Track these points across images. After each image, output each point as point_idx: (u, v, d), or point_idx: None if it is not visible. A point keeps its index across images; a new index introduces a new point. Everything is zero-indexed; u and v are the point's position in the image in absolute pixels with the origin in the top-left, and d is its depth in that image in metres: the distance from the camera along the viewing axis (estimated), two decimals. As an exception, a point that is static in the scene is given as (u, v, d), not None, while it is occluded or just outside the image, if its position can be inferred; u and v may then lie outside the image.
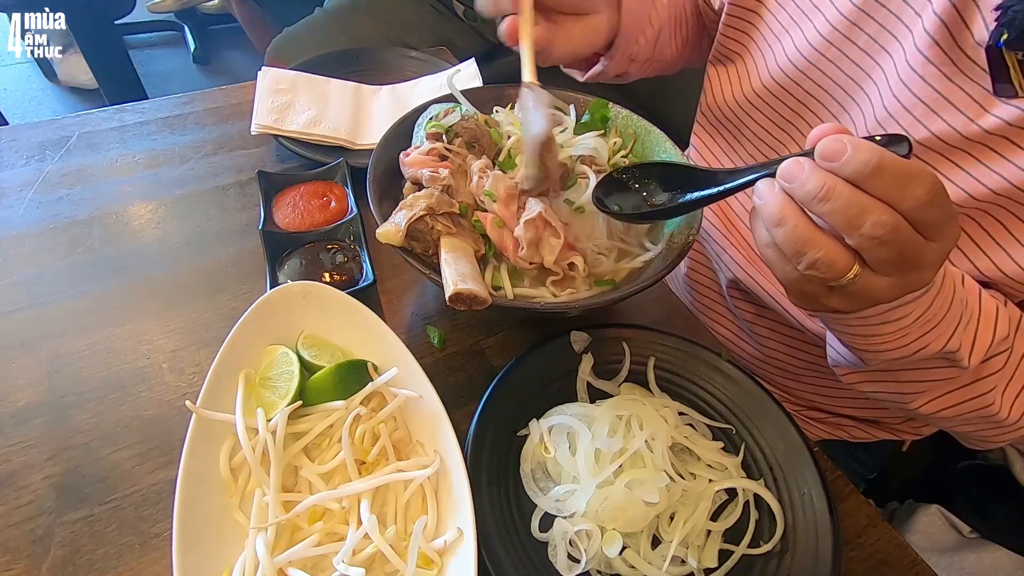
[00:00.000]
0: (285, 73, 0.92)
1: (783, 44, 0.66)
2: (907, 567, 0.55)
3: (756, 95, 0.70)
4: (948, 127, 0.52)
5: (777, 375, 0.83)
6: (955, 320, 0.48)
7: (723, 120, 0.77)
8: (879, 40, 0.58)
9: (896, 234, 0.34)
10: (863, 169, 0.33)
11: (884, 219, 0.34)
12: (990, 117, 0.50)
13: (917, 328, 0.47)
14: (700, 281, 0.89)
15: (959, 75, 0.51)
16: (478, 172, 0.60)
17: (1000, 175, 0.50)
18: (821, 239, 0.36)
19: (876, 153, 0.33)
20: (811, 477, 0.54)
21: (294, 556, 0.45)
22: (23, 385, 0.59)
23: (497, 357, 0.66)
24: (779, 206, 0.37)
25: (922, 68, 0.53)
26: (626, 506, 0.50)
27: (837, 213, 0.34)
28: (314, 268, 0.65)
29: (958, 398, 0.54)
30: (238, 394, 0.51)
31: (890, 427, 0.83)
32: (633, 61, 0.75)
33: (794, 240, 0.37)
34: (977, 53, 0.50)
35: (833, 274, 0.37)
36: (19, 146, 0.84)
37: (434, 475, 0.49)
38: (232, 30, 2.78)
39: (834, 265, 0.36)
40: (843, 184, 0.34)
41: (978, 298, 0.51)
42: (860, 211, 0.34)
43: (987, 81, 0.50)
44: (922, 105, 0.53)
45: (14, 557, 0.49)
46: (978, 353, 0.50)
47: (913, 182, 0.33)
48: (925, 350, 0.49)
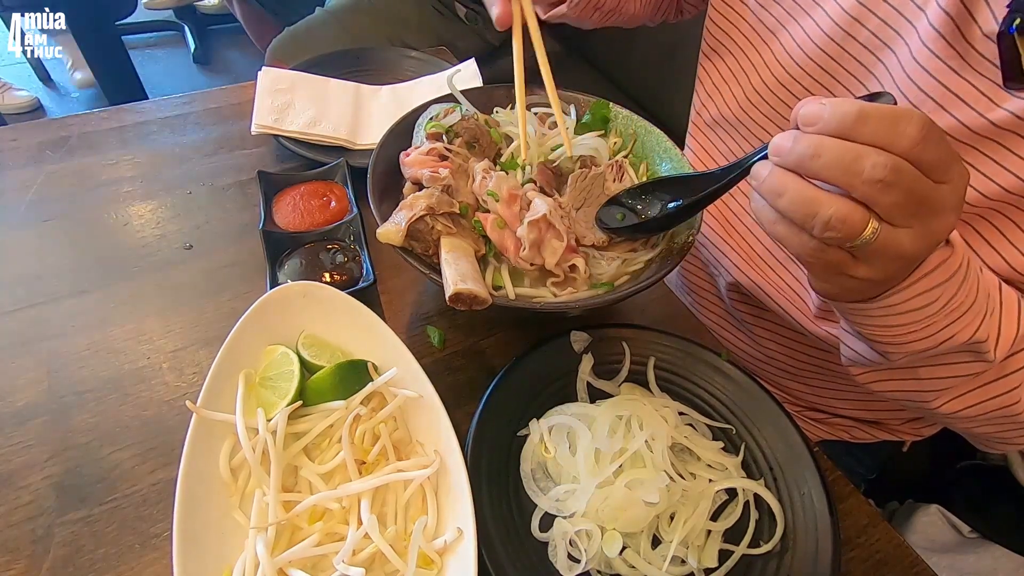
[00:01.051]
0: (285, 73, 0.92)
1: (780, 40, 0.66)
2: (907, 567, 0.54)
3: (756, 92, 0.70)
4: (957, 122, 0.51)
5: (777, 376, 0.83)
6: (982, 309, 0.46)
7: (720, 120, 0.77)
8: (881, 36, 0.57)
9: (899, 174, 0.33)
10: (845, 120, 0.33)
11: (882, 160, 0.33)
12: (1000, 111, 0.49)
13: (945, 316, 0.45)
14: (698, 284, 0.89)
15: (967, 69, 0.50)
16: (481, 173, 0.60)
17: (1011, 172, 0.50)
18: (827, 197, 0.35)
19: (855, 104, 0.33)
20: (811, 477, 0.54)
21: (294, 556, 0.45)
22: (23, 385, 0.59)
23: (497, 357, 0.66)
24: (777, 177, 0.37)
25: (928, 63, 0.52)
26: (626, 506, 0.50)
27: (832, 165, 0.34)
28: (314, 268, 0.65)
29: (981, 396, 0.52)
30: (238, 394, 0.51)
31: (890, 428, 0.83)
32: (597, 9, 0.75)
33: (800, 202, 0.36)
34: (985, 46, 0.49)
35: (850, 231, 0.35)
36: (19, 146, 0.84)
37: (434, 475, 0.49)
38: (232, 30, 2.78)
39: (849, 219, 0.35)
40: (830, 139, 0.34)
41: (999, 290, 0.49)
42: (855, 157, 0.33)
43: (996, 75, 0.49)
44: (930, 101, 0.53)
45: (14, 557, 0.49)
46: (1003, 346, 0.48)
47: (901, 121, 0.33)
48: (952, 340, 0.46)
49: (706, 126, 0.80)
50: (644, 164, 0.71)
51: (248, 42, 2.37)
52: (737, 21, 0.71)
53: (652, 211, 0.57)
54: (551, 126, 0.72)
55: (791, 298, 0.70)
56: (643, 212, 0.58)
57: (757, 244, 0.75)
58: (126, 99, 0.97)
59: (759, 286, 0.74)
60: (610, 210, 0.61)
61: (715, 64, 0.75)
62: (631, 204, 0.60)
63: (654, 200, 0.57)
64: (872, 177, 0.33)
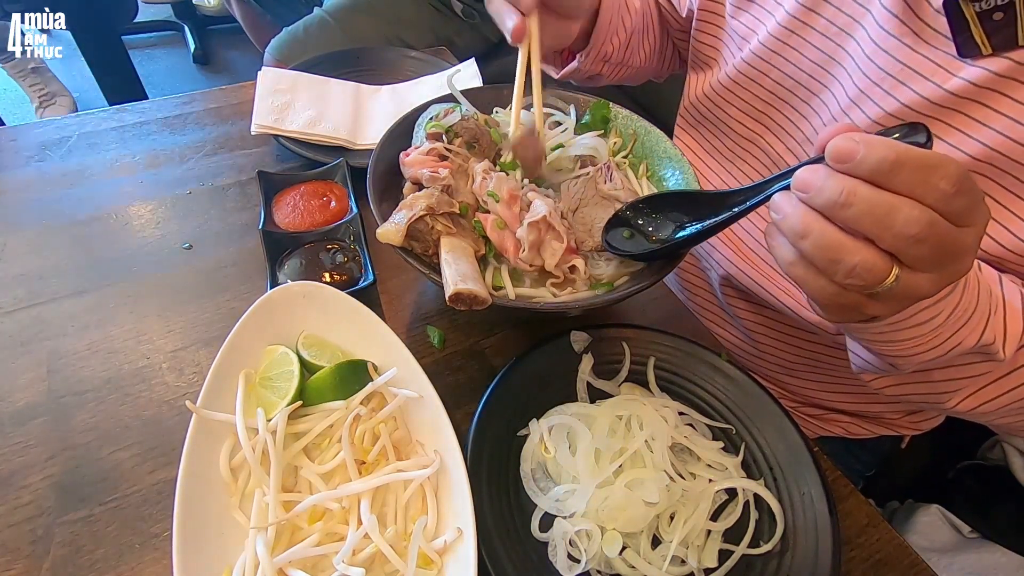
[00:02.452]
0: (285, 73, 0.92)
1: (749, 42, 0.69)
2: (907, 567, 0.54)
3: (726, 88, 0.73)
4: (917, 96, 0.52)
5: (773, 371, 0.83)
6: (986, 312, 0.46)
7: (702, 116, 0.80)
8: (837, 23, 0.59)
9: (932, 229, 0.32)
10: (880, 166, 0.32)
11: (915, 215, 0.32)
12: (956, 80, 0.50)
13: (950, 326, 0.45)
14: (691, 280, 0.90)
15: (921, 44, 0.52)
16: (481, 173, 0.60)
17: (977, 140, 0.50)
18: (854, 244, 0.34)
19: (892, 148, 0.32)
20: (811, 477, 0.54)
21: (294, 556, 0.45)
22: (23, 385, 0.59)
23: (497, 357, 0.66)
24: (801, 217, 0.35)
25: (884, 42, 0.54)
26: (626, 506, 0.50)
27: (863, 216, 0.32)
28: (314, 268, 0.65)
29: (996, 391, 0.52)
30: (238, 394, 0.51)
31: (888, 423, 0.84)
32: (606, 63, 0.79)
33: (825, 248, 0.34)
34: (937, 20, 0.50)
35: (874, 279, 0.34)
36: (19, 146, 0.84)
37: (434, 475, 0.49)
38: (232, 30, 2.78)
39: (874, 269, 0.34)
40: (863, 185, 0.32)
41: (1000, 285, 0.49)
42: (887, 210, 0.32)
43: (950, 47, 0.49)
44: (889, 78, 0.54)
45: (14, 557, 0.49)
46: (1012, 343, 0.48)
47: (936, 173, 0.31)
48: (960, 347, 0.46)
49: (689, 122, 0.83)
50: (644, 164, 0.71)
51: (248, 42, 2.37)
52: (719, 33, 0.74)
53: (662, 232, 0.56)
54: (551, 126, 0.72)
55: (784, 287, 0.71)
56: (652, 233, 0.57)
57: (747, 236, 0.77)
58: (126, 99, 0.97)
59: (751, 277, 0.74)
60: (617, 230, 0.59)
61: (703, 71, 0.79)
62: (637, 223, 0.58)
63: (664, 220, 0.56)
64: (904, 233, 0.32)
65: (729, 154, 0.77)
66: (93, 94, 2.53)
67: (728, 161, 0.78)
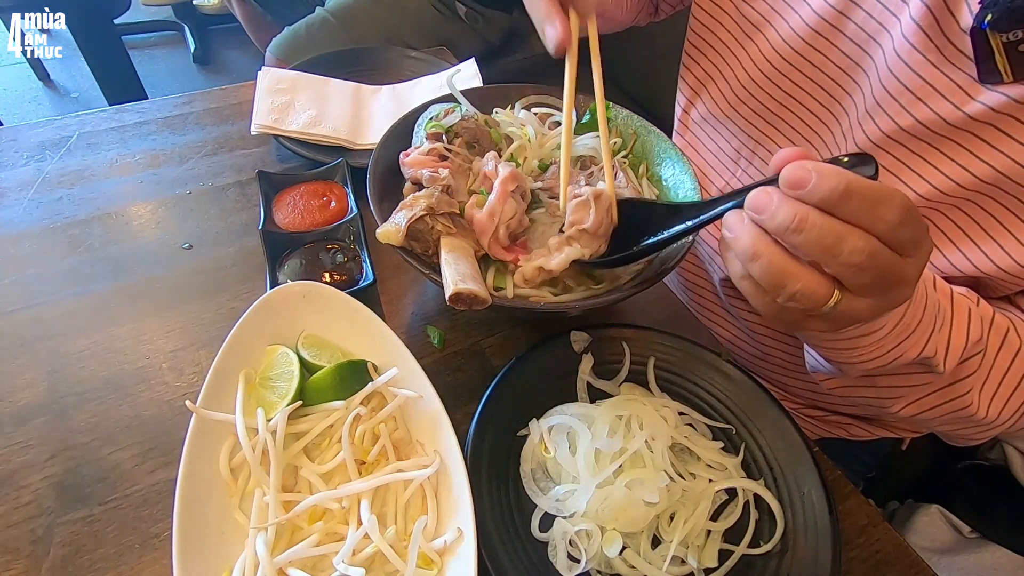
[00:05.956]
0: (285, 73, 0.92)
1: (765, 35, 0.66)
2: (907, 567, 0.54)
3: (743, 88, 0.70)
4: (933, 114, 0.52)
5: (775, 373, 0.83)
6: (929, 326, 0.48)
7: (708, 118, 0.78)
8: (867, 29, 0.57)
9: (874, 259, 0.34)
10: (831, 196, 0.33)
11: (860, 245, 0.33)
12: (975, 104, 0.50)
13: (893, 338, 0.47)
14: (694, 281, 0.90)
15: (944, 63, 0.51)
16: (492, 161, 0.60)
17: (987, 163, 0.50)
18: (799, 270, 0.36)
19: (843, 178, 0.33)
20: (811, 477, 0.54)
21: (294, 556, 0.45)
22: (23, 385, 0.59)
23: (497, 357, 0.66)
24: (752, 239, 0.37)
25: (908, 55, 0.53)
26: (626, 506, 0.50)
27: (812, 243, 0.34)
28: (314, 268, 0.65)
29: (936, 400, 0.55)
30: (238, 394, 0.51)
31: (889, 425, 0.84)
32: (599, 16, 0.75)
33: (771, 274, 0.36)
34: (963, 40, 0.50)
35: (814, 304, 0.36)
36: (19, 146, 0.84)
37: (434, 475, 0.49)
38: (232, 30, 2.78)
39: (814, 295, 0.36)
40: (815, 213, 0.34)
41: (950, 300, 0.51)
42: (835, 240, 0.33)
43: (973, 69, 0.49)
44: (908, 92, 0.53)
45: (14, 557, 0.49)
46: (953, 357, 0.50)
47: (882, 204, 0.33)
48: (901, 359, 0.49)
49: (694, 124, 0.81)
50: (644, 164, 0.71)
51: (248, 42, 2.37)
52: (721, 16, 0.71)
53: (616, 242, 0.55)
54: (551, 126, 0.72)
55: None
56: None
57: None
58: (126, 99, 0.97)
59: None
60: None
61: (699, 62, 0.76)
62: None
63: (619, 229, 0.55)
64: (849, 261, 0.34)
65: (734, 155, 0.76)
66: (93, 94, 2.54)
67: (732, 162, 0.77)
